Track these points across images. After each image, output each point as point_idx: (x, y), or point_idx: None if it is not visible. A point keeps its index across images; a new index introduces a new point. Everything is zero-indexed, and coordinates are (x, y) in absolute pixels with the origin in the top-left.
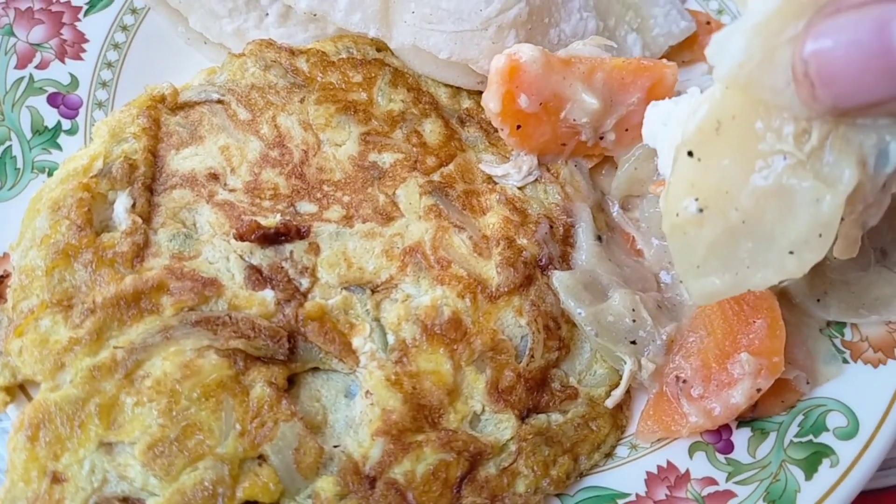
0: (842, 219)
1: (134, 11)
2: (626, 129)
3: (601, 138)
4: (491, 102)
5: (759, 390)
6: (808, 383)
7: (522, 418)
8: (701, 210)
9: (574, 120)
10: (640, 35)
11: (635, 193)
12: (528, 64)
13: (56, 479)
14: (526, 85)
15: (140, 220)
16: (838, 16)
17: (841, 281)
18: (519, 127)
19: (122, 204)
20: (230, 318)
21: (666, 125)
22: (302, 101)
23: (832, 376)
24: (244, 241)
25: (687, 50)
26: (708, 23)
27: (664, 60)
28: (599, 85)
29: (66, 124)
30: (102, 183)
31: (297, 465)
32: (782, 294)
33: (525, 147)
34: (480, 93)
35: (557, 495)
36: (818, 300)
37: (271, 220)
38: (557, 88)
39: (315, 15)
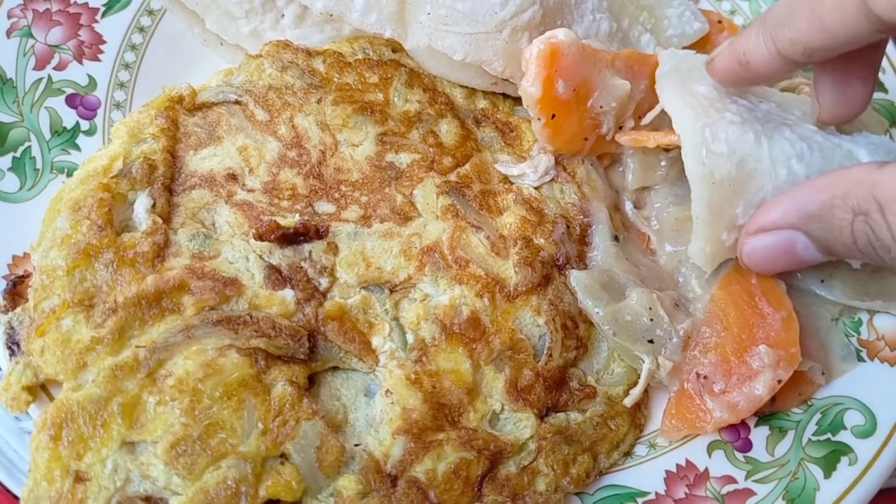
0: None
1: (151, 13)
2: (640, 117)
3: (620, 128)
4: (531, 88)
5: (779, 381)
6: (823, 374)
7: (541, 417)
8: None
9: (601, 107)
10: (653, 35)
11: (649, 183)
12: (567, 46)
13: (79, 478)
14: (564, 69)
15: (160, 220)
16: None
17: (847, 265)
18: (553, 116)
19: (142, 204)
20: (251, 317)
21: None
22: (319, 101)
23: (847, 368)
24: (264, 240)
25: (700, 50)
26: (720, 21)
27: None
28: (622, 72)
29: (84, 125)
30: (122, 183)
31: (320, 463)
32: (786, 280)
33: (555, 140)
34: (495, 94)
35: (577, 494)
36: (822, 280)
37: (290, 220)
38: (588, 74)
39: (331, 15)
